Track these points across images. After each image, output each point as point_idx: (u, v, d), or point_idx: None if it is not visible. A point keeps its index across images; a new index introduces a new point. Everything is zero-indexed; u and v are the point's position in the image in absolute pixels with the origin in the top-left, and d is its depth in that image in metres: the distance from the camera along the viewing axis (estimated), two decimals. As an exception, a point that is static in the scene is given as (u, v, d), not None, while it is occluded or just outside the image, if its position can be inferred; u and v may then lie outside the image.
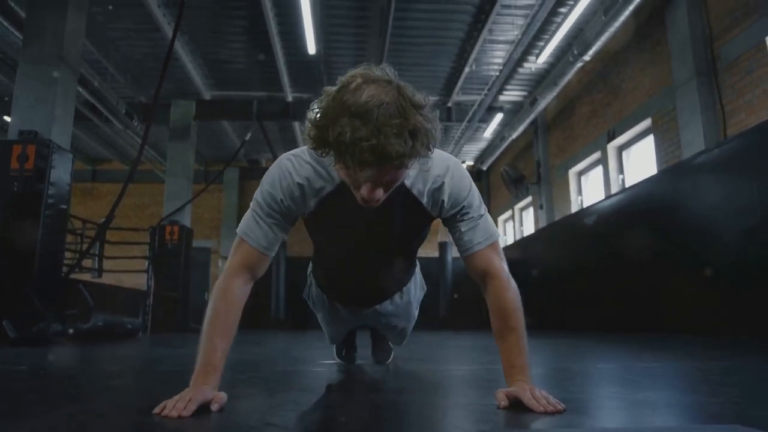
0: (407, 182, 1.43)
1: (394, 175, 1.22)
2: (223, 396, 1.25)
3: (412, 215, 1.50)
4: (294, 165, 1.43)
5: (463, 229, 1.46)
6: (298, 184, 1.42)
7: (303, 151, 1.45)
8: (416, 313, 2.19)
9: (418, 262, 2.06)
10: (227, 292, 1.39)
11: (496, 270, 1.44)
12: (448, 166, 1.45)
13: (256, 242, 1.43)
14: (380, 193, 1.23)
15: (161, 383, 2.04)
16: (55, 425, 1.10)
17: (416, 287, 2.11)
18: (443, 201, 1.45)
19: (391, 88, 1.16)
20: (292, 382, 1.98)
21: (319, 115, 1.18)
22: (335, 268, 1.86)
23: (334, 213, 1.47)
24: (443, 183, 1.44)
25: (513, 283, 1.45)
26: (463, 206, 1.45)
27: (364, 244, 1.61)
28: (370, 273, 1.79)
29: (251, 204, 1.47)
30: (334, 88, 1.19)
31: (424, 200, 1.46)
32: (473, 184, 1.48)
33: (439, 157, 1.46)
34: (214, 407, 1.21)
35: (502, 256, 1.49)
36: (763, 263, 4.25)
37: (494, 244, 1.47)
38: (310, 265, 2.06)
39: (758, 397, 1.53)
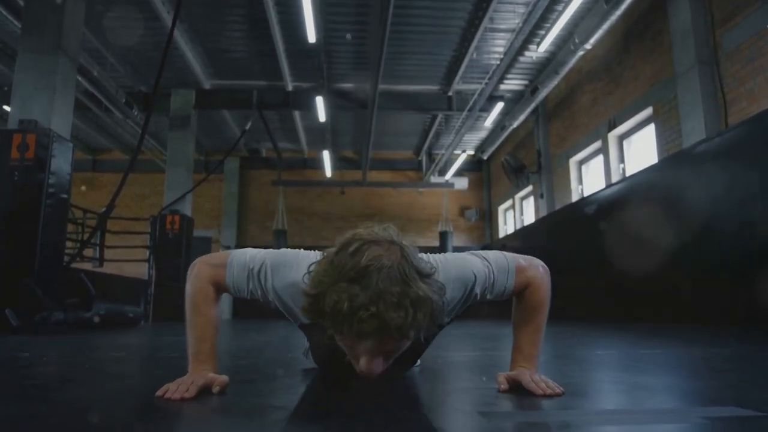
0: None
1: (394, 345, 1.11)
2: (224, 378, 1.27)
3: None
4: (299, 283, 1.26)
5: (489, 296, 1.41)
6: (293, 302, 1.34)
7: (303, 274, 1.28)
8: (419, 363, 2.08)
9: None
10: (208, 295, 1.37)
11: (530, 280, 1.42)
12: (446, 282, 1.26)
13: (233, 284, 1.37)
14: (380, 365, 1.13)
15: (163, 369, 2.05)
16: (58, 410, 1.11)
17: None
18: (458, 307, 1.41)
19: (393, 250, 1.10)
20: (293, 366, 1.99)
21: (313, 284, 1.10)
22: (332, 360, 1.64)
23: (325, 336, 1.35)
24: (452, 298, 1.34)
25: (547, 277, 1.44)
26: (476, 292, 1.38)
27: None
28: None
29: (257, 258, 1.38)
30: (332, 251, 1.12)
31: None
32: (471, 265, 1.39)
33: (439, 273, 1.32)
34: (216, 390, 1.23)
35: (527, 261, 1.44)
36: (765, 252, 4.25)
37: (516, 268, 1.41)
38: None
39: (756, 383, 1.55)
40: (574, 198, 9.59)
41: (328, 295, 1.06)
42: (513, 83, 10.51)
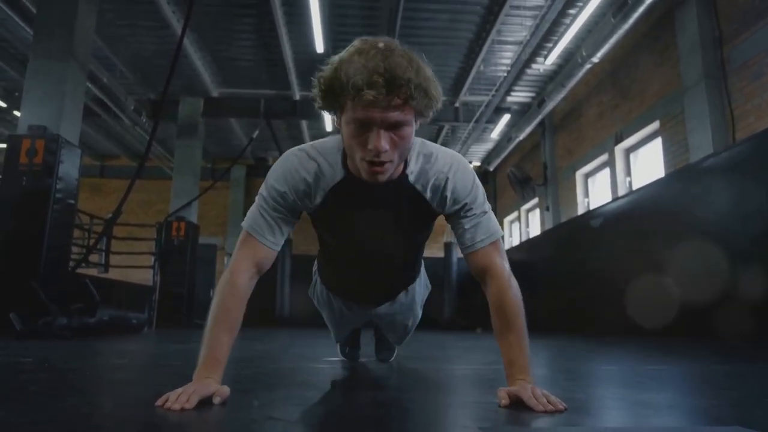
0: (411, 177, 1.43)
1: (400, 116, 1.21)
2: (225, 390, 1.26)
3: (416, 210, 1.50)
4: (299, 160, 1.43)
5: (466, 226, 1.45)
6: (303, 179, 1.42)
7: (309, 146, 1.46)
8: (420, 312, 2.17)
9: (423, 262, 2.04)
10: (233, 286, 1.39)
11: (497, 269, 1.43)
12: (451, 163, 1.45)
13: (262, 237, 1.42)
14: (386, 146, 1.22)
15: (165, 377, 2.05)
16: (58, 417, 1.11)
17: (421, 286, 2.09)
18: (446, 197, 1.44)
19: (395, 43, 1.25)
20: (294, 378, 1.99)
21: (329, 67, 1.25)
22: (341, 266, 1.85)
23: (340, 207, 1.47)
24: (447, 179, 1.43)
25: (514, 282, 1.44)
26: (466, 203, 1.44)
27: (369, 240, 1.61)
28: (376, 270, 1.78)
29: (256, 199, 1.46)
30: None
31: (428, 195, 1.46)
32: (477, 180, 1.47)
33: (443, 153, 1.47)
34: (217, 400, 1.22)
35: (504, 255, 1.48)
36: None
37: (496, 243, 1.46)
38: (316, 263, 2.06)
39: (761, 402, 1.53)
40: (580, 211, 9.56)
41: (342, 67, 1.20)
42: (520, 95, 10.53)
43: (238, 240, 1.47)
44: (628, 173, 8.38)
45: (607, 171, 8.87)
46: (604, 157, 8.90)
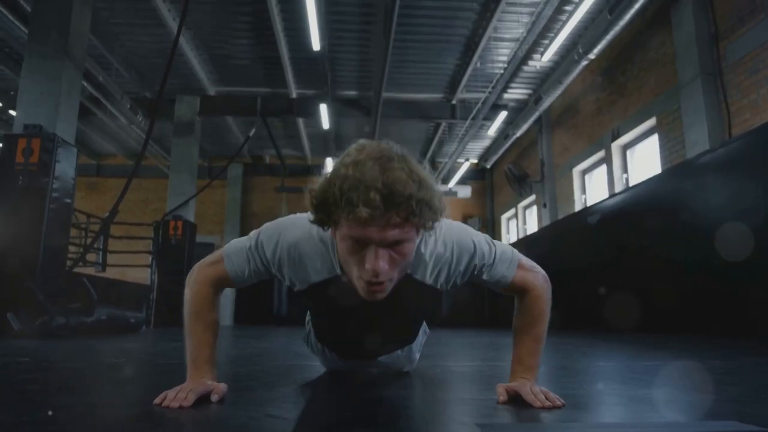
0: (408, 269, 1.32)
1: (400, 234, 1.10)
2: (223, 387, 1.26)
3: (417, 296, 1.43)
4: (296, 241, 1.33)
5: (485, 277, 1.41)
6: (289, 265, 1.34)
7: (315, 229, 1.32)
8: (418, 356, 2.06)
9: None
10: (205, 295, 1.37)
11: (530, 284, 1.42)
12: (445, 241, 1.35)
13: (234, 271, 1.37)
14: (385, 266, 1.12)
15: (163, 376, 2.05)
16: (57, 416, 1.11)
17: (420, 336, 1.97)
18: (458, 275, 1.39)
19: (394, 150, 1.13)
20: (292, 376, 1.99)
21: (322, 179, 1.14)
22: (333, 333, 1.73)
23: (328, 297, 1.39)
24: (450, 261, 1.36)
25: (547, 286, 1.43)
26: (475, 265, 1.38)
27: (363, 326, 1.53)
28: (371, 340, 1.66)
29: (251, 235, 1.38)
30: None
31: (429, 281, 1.38)
32: (475, 236, 1.39)
33: (431, 233, 1.35)
34: (214, 398, 1.22)
35: (531, 265, 1.44)
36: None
37: (519, 264, 1.42)
38: (308, 314, 1.90)
39: (757, 397, 1.53)
40: (577, 207, 9.57)
41: (336, 180, 1.08)
42: (517, 92, 10.53)
43: (217, 253, 1.41)
44: (625, 170, 8.40)
45: (603, 168, 8.89)
46: (600, 154, 8.91)
